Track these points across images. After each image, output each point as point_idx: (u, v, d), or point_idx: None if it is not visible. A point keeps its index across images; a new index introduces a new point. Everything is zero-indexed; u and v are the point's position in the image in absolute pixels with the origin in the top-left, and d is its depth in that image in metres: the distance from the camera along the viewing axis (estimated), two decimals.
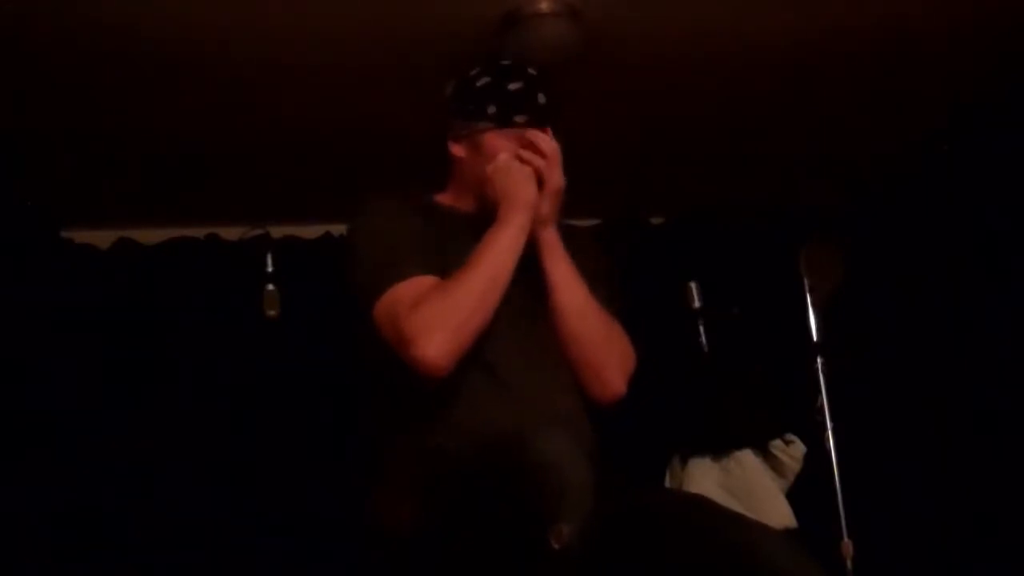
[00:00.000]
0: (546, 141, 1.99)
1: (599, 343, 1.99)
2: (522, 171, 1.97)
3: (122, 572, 3.34)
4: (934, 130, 3.61)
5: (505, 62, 2.15)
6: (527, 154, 1.98)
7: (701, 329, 3.50)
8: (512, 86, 2.03)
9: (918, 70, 3.22)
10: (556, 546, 1.44)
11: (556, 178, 1.98)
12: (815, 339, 3.38)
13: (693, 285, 3.53)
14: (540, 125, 2.03)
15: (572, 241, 2.05)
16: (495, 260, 1.88)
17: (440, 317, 1.82)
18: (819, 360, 3.34)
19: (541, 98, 2.03)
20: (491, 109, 2.02)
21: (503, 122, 2.01)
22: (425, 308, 1.82)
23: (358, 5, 2.73)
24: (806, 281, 3.41)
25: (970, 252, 3.96)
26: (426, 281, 1.88)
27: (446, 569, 1.70)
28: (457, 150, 2.08)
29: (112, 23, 2.68)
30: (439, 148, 2.10)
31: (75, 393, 3.50)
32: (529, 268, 1.95)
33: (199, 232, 3.86)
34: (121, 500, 3.43)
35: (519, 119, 2.01)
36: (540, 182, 1.97)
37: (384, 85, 3.08)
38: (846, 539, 3.17)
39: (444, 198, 2.13)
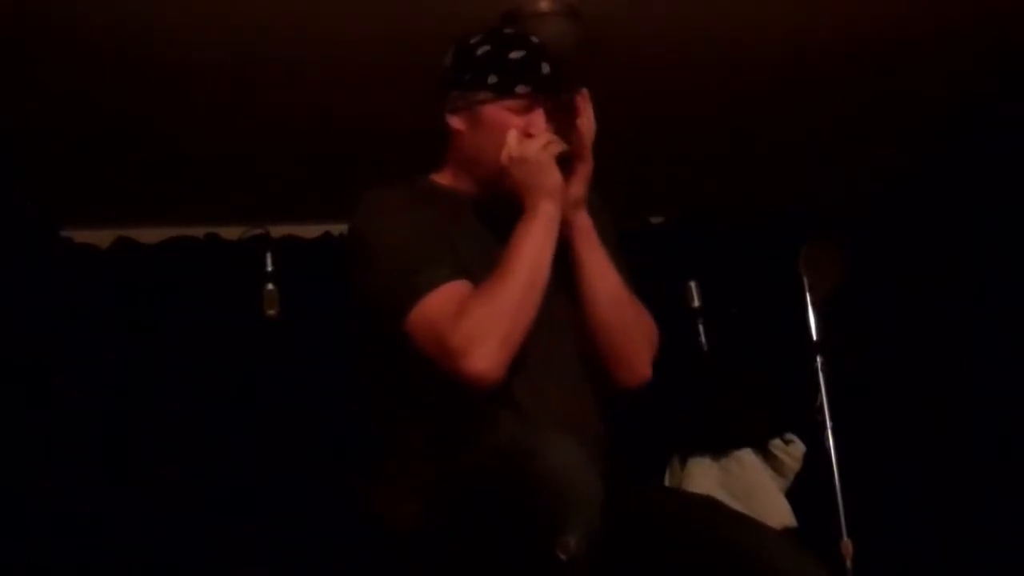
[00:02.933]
0: (587, 120, 1.87)
1: (629, 331, 1.92)
2: (540, 156, 1.84)
3: (122, 570, 3.35)
4: (934, 130, 3.61)
5: (507, 30, 2.04)
6: (544, 137, 1.86)
7: (701, 329, 3.50)
8: (514, 55, 1.90)
9: (918, 70, 3.22)
10: (563, 558, 1.42)
11: (590, 159, 1.87)
12: (815, 339, 3.38)
13: (693, 285, 3.53)
14: (543, 96, 1.90)
15: (589, 207, 1.93)
16: (532, 258, 1.78)
17: (488, 327, 1.72)
18: (819, 360, 3.34)
19: (545, 67, 1.90)
20: (491, 79, 1.89)
21: (504, 92, 1.88)
22: (470, 320, 1.72)
23: (358, 5, 2.73)
24: (806, 281, 3.41)
25: (970, 252, 3.96)
26: (460, 288, 1.77)
27: (447, 571, 1.69)
28: (455, 123, 1.93)
29: (113, 23, 2.69)
30: (437, 125, 1.96)
31: (75, 393, 3.50)
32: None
33: (199, 232, 3.86)
34: (121, 499, 3.43)
35: (521, 89, 1.88)
36: (567, 162, 1.86)
37: (384, 85, 3.08)
38: (846, 539, 3.17)
39: (442, 178, 1.99)
